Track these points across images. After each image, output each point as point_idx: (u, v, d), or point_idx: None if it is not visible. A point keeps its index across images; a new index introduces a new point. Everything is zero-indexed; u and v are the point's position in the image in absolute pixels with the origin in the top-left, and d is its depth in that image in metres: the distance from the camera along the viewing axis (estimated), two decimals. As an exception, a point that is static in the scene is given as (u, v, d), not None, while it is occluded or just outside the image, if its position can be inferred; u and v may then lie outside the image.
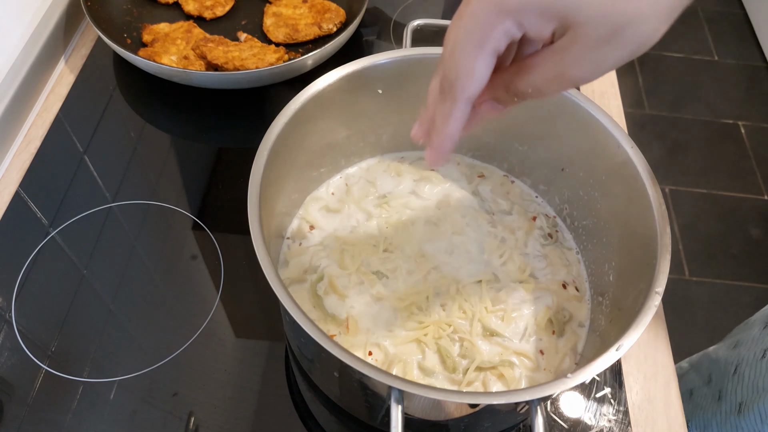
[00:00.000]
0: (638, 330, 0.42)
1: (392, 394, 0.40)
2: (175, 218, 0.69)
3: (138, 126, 0.78)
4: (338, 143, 0.63)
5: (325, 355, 0.40)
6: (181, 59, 0.80)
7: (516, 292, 0.58)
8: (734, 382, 0.72)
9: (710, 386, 0.77)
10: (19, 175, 0.72)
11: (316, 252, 0.60)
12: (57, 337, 0.60)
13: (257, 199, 0.47)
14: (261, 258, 0.44)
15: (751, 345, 0.71)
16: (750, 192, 1.93)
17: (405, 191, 0.65)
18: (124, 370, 0.58)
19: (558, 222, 0.65)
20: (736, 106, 2.16)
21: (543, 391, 0.40)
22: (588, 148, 0.58)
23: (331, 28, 0.86)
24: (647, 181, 0.51)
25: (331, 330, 0.55)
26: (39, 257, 0.65)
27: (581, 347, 0.56)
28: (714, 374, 0.77)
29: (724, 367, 0.75)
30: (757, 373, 0.68)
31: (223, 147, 0.77)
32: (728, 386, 0.73)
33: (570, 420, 0.58)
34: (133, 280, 0.64)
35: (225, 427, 0.55)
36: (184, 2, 0.89)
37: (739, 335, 0.76)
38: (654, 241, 0.48)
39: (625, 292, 0.51)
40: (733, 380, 0.72)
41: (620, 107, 0.85)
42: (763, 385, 0.67)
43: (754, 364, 0.69)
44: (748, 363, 0.70)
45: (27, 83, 0.78)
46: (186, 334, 0.60)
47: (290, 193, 0.61)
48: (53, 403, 0.56)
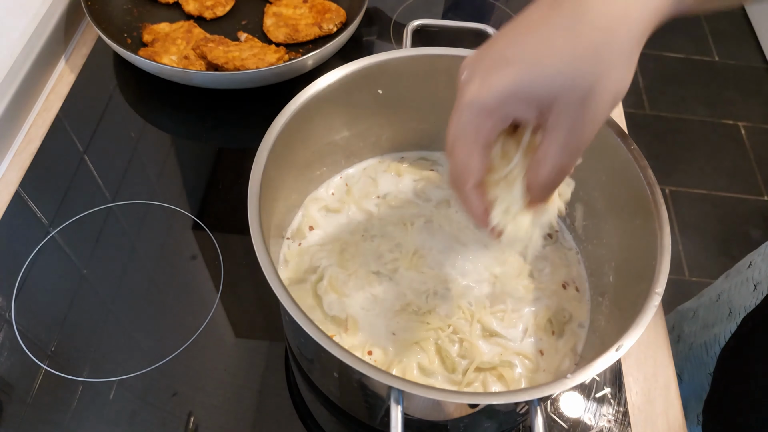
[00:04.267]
0: (638, 330, 0.42)
1: (392, 394, 0.40)
2: (175, 218, 0.69)
3: (138, 126, 0.78)
4: (338, 143, 0.63)
5: (325, 355, 0.40)
6: (181, 59, 0.80)
7: (516, 293, 0.58)
8: (691, 324, 0.80)
9: (673, 332, 0.84)
10: (19, 175, 0.72)
11: (316, 252, 0.60)
12: (57, 337, 0.60)
13: (257, 199, 0.47)
14: (261, 258, 0.44)
15: (711, 292, 0.79)
16: (750, 193, 1.93)
17: (405, 191, 0.65)
18: (124, 370, 0.58)
19: (558, 222, 0.65)
20: (736, 106, 2.16)
21: (543, 392, 0.40)
22: (588, 149, 0.57)
23: (331, 28, 0.86)
24: (647, 181, 0.51)
25: (330, 330, 0.55)
26: (39, 257, 0.65)
27: (581, 347, 0.56)
28: (677, 323, 0.85)
29: (685, 314, 0.84)
30: (709, 313, 0.75)
31: (223, 147, 0.77)
32: (685, 329, 0.81)
33: (570, 420, 0.58)
34: (133, 280, 0.64)
35: (225, 427, 0.55)
36: (185, 2, 0.89)
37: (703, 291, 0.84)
38: (654, 241, 0.48)
39: (625, 292, 0.51)
40: (690, 323, 0.80)
41: (620, 107, 0.85)
42: (712, 321, 0.74)
43: (709, 306, 0.77)
44: (705, 306, 0.78)
45: (27, 83, 0.78)
46: (186, 334, 0.60)
47: (290, 193, 0.61)
48: (53, 403, 0.56)
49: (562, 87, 0.34)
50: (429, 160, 0.69)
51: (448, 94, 0.63)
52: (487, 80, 0.35)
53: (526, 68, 0.34)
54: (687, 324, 0.82)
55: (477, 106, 0.36)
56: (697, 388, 0.75)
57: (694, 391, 0.75)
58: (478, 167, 0.38)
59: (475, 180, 0.39)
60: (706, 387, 0.73)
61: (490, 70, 0.35)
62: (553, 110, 0.35)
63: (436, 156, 0.69)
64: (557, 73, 0.34)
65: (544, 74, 0.34)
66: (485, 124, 0.36)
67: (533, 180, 0.38)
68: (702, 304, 0.80)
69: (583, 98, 0.34)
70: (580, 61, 0.34)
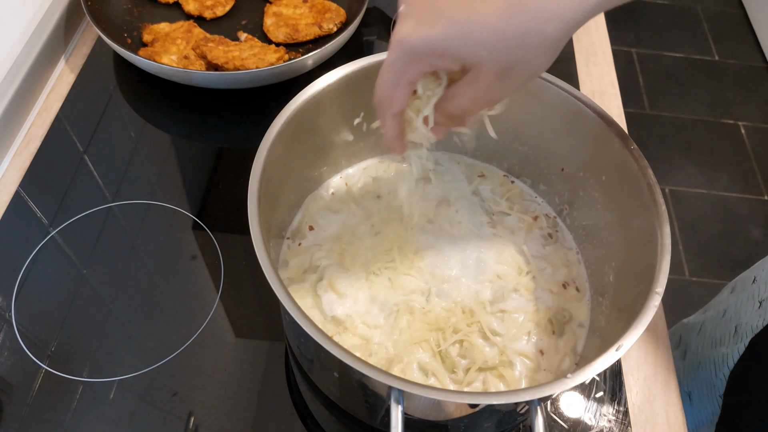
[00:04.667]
0: (638, 330, 0.42)
1: (392, 394, 0.40)
2: (175, 218, 0.69)
3: (138, 126, 0.78)
4: (338, 143, 0.63)
5: (325, 355, 0.40)
6: (181, 59, 0.80)
7: (516, 292, 0.58)
8: (698, 340, 0.79)
9: (679, 347, 0.84)
10: (19, 175, 0.72)
11: (316, 252, 0.60)
12: (57, 337, 0.60)
13: (257, 199, 0.47)
14: (261, 258, 0.44)
15: (717, 306, 0.78)
16: (750, 192, 1.93)
17: (405, 191, 0.65)
18: (124, 370, 0.58)
19: (558, 222, 0.65)
20: (736, 106, 2.16)
21: (543, 391, 0.40)
22: (588, 149, 0.58)
23: (331, 28, 0.86)
24: (647, 181, 0.51)
25: (330, 330, 0.55)
26: (39, 257, 0.65)
27: (581, 347, 0.56)
28: (683, 336, 0.85)
29: (692, 328, 0.83)
30: (716, 329, 0.75)
31: (223, 147, 0.77)
32: (692, 344, 0.80)
33: (570, 420, 0.58)
34: (133, 280, 0.64)
35: (225, 427, 0.55)
36: (185, 2, 0.89)
37: (710, 303, 0.83)
38: (654, 241, 0.48)
39: (625, 292, 0.51)
40: (697, 339, 0.80)
41: (620, 107, 0.85)
42: (718, 338, 0.73)
43: (716, 321, 0.76)
44: (711, 321, 0.77)
45: (27, 83, 0.78)
46: (186, 334, 0.60)
47: (290, 193, 0.61)
48: (53, 403, 0.56)
49: (486, 59, 0.37)
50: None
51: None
52: (420, 26, 0.37)
53: (458, 30, 0.36)
54: (693, 339, 0.81)
55: (407, 49, 0.39)
56: (707, 412, 0.74)
57: (706, 417, 0.75)
58: (400, 100, 0.42)
59: (395, 111, 0.43)
60: (717, 410, 0.72)
61: (425, 16, 0.37)
62: (473, 71, 0.39)
63: (436, 156, 0.69)
64: (484, 45, 0.36)
65: (473, 41, 0.36)
66: (411, 67, 0.40)
67: (442, 112, 0.44)
68: (708, 318, 0.79)
69: (502, 73, 0.38)
70: (507, 41, 0.36)
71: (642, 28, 2.38)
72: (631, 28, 2.36)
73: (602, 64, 0.91)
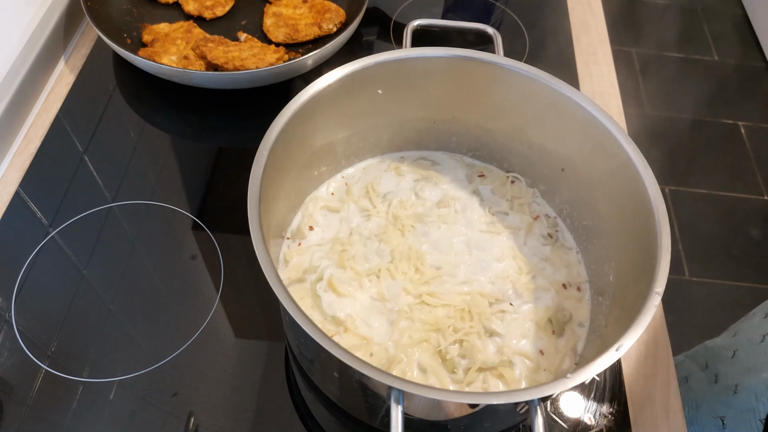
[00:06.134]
0: (638, 330, 0.42)
1: (392, 394, 0.40)
2: (175, 218, 0.69)
3: (138, 126, 0.78)
4: (338, 143, 0.63)
5: (325, 355, 0.40)
6: (181, 59, 0.80)
7: (516, 292, 0.58)
8: (731, 365, 0.76)
9: (707, 371, 0.81)
10: (19, 175, 0.72)
11: (316, 252, 0.60)
12: (57, 337, 0.60)
13: (257, 199, 0.47)
14: (261, 258, 0.43)
15: (751, 332, 0.76)
16: (750, 192, 1.93)
17: (405, 191, 0.65)
18: (124, 370, 0.58)
19: (558, 222, 0.65)
20: (736, 106, 2.16)
21: (543, 391, 0.40)
22: (588, 149, 0.58)
23: (331, 28, 0.86)
24: (647, 181, 0.51)
25: (330, 330, 0.55)
26: (39, 257, 0.65)
27: (581, 347, 0.56)
28: (710, 361, 0.81)
29: (721, 353, 0.79)
30: (754, 356, 0.73)
31: (223, 147, 0.77)
32: (724, 370, 0.77)
33: (570, 420, 0.58)
34: (133, 280, 0.64)
35: (225, 427, 0.55)
36: (184, 2, 0.89)
37: (738, 326, 0.80)
38: (654, 241, 0.48)
39: (625, 292, 0.51)
40: (730, 364, 0.77)
41: (620, 107, 0.85)
42: (759, 365, 0.71)
43: (752, 348, 0.74)
44: (745, 347, 0.75)
45: (27, 83, 0.78)
46: (186, 334, 0.60)
47: (290, 193, 0.61)
48: (53, 403, 0.56)
49: None
50: (429, 160, 0.69)
51: (447, 94, 0.63)
52: None
53: None
54: (726, 364, 0.78)
55: None
56: None
57: None
58: None
59: None
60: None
61: None
62: None
63: (436, 156, 0.69)
64: None
65: None
66: None
67: None
68: (741, 345, 0.77)
69: None
70: None
71: (642, 28, 2.38)
72: (631, 28, 2.36)
73: (602, 64, 0.91)
